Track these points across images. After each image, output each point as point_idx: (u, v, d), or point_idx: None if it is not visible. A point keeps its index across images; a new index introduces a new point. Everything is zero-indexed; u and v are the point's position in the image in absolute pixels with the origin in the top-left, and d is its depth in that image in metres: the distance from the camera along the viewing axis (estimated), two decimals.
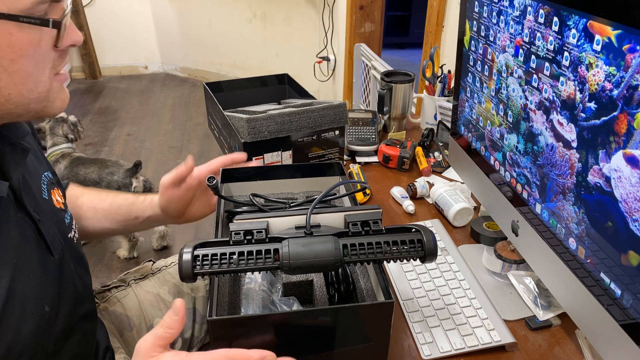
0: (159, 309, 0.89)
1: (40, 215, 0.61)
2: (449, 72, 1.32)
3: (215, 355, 0.51)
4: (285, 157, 1.06)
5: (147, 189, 1.97)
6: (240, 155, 0.85)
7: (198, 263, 0.55)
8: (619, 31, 0.49)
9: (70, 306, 0.65)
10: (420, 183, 1.06)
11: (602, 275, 0.57)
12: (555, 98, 0.62)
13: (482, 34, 0.80)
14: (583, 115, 0.56)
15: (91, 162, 1.95)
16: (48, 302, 0.59)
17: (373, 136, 1.24)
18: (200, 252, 0.55)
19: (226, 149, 1.18)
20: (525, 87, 0.69)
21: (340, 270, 0.67)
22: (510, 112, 0.74)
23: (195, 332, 0.91)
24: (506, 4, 0.70)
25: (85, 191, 0.88)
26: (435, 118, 1.32)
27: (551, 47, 0.61)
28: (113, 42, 3.94)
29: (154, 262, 0.98)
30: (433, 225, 0.96)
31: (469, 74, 0.87)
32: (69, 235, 0.69)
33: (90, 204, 0.86)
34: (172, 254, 1.99)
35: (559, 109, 0.61)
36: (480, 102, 0.84)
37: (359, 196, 1.05)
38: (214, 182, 0.73)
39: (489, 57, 0.78)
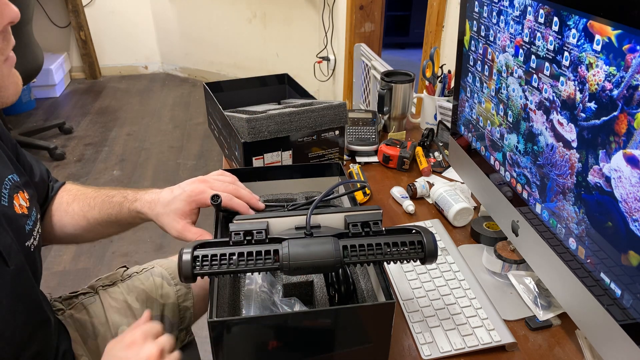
0: (125, 317, 0.87)
1: None
2: (449, 72, 1.32)
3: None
4: (285, 157, 1.06)
5: None
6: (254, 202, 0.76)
7: (198, 263, 0.55)
8: (619, 31, 0.49)
9: (26, 317, 0.63)
10: (420, 183, 1.06)
11: (602, 275, 0.57)
12: (555, 98, 0.62)
13: (482, 34, 0.79)
14: (583, 115, 0.56)
15: None
16: (1, 314, 0.58)
17: (373, 136, 1.24)
18: (200, 252, 0.55)
19: (226, 149, 1.18)
20: (525, 87, 0.69)
21: (340, 271, 0.67)
22: (510, 112, 0.74)
23: None
24: (506, 4, 0.70)
25: (76, 197, 0.86)
26: (435, 118, 1.31)
27: (551, 47, 0.61)
28: (113, 42, 3.94)
29: (127, 269, 0.96)
30: (433, 225, 0.96)
31: (469, 74, 0.87)
32: (26, 244, 0.66)
33: (81, 213, 0.84)
34: (170, 254, 1.99)
35: (559, 109, 0.61)
36: (480, 102, 0.84)
37: (359, 196, 1.05)
38: (218, 200, 0.71)
39: (489, 57, 0.78)
